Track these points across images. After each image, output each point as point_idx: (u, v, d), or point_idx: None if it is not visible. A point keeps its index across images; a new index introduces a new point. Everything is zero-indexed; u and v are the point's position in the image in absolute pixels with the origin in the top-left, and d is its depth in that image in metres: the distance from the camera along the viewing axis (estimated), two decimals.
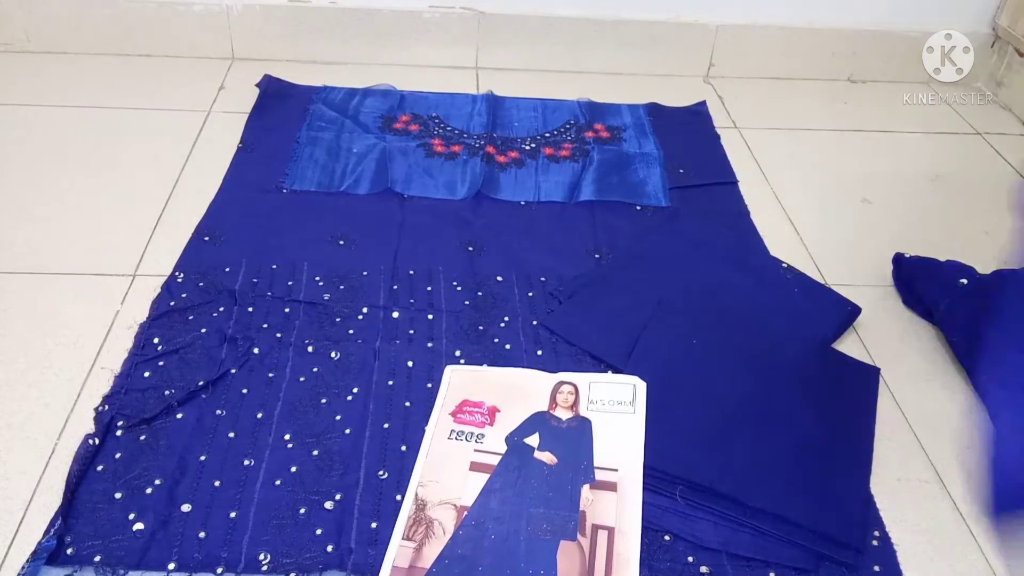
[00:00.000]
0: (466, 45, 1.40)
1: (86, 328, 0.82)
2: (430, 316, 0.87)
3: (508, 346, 0.84)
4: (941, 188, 1.19)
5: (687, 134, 1.26)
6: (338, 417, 0.75)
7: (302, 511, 0.66)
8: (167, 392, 0.75)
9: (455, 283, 0.92)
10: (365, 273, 0.92)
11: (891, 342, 0.90)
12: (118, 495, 0.66)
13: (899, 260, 0.96)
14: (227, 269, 0.91)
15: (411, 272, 0.93)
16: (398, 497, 0.68)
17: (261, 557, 0.63)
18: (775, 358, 0.83)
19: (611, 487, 0.68)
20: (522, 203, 1.07)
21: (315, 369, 0.79)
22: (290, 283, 0.89)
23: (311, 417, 0.74)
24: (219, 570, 0.62)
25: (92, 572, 0.61)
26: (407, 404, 0.77)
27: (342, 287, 0.90)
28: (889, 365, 0.86)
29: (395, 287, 0.90)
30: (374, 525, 0.66)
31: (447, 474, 0.69)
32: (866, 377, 0.83)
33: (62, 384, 0.76)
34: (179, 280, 0.88)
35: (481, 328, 0.86)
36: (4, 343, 0.80)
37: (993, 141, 1.32)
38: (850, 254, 1.03)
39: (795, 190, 1.15)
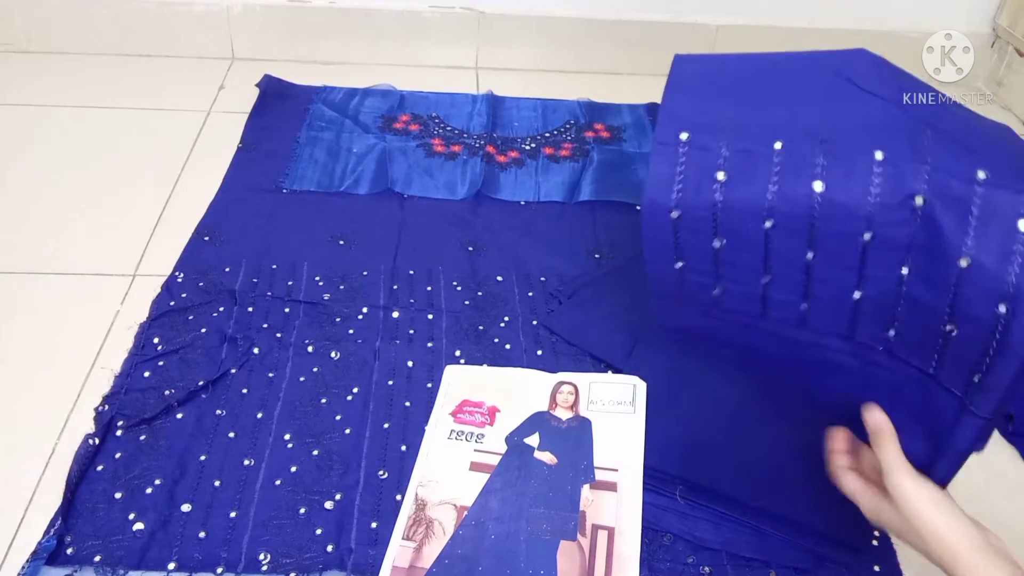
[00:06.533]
0: (466, 45, 1.39)
1: (86, 328, 0.82)
2: (430, 316, 0.87)
3: (508, 346, 0.84)
4: None
5: None
6: (338, 417, 0.75)
7: (302, 511, 0.66)
8: (167, 392, 0.75)
9: (455, 283, 0.92)
10: (365, 273, 0.92)
11: None
12: (118, 495, 0.66)
13: None
14: (227, 269, 0.91)
15: (411, 272, 0.93)
16: (398, 497, 0.68)
17: (261, 557, 0.63)
18: None
19: (611, 487, 0.68)
20: (522, 203, 1.07)
21: (315, 369, 0.79)
22: (290, 283, 0.89)
23: (311, 417, 0.74)
24: (219, 570, 0.62)
25: (92, 572, 0.61)
26: (407, 404, 0.77)
27: (342, 287, 0.90)
28: None
29: (395, 287, 0.90)
30: (374, 525, 0.66)
31: (447, 474, 0.70)
32: None
33: (62, 384, 0.76)
34: (179, 280, 0.88)
35: (481, 328, 0.86)
36: (4, 343, 0.80)
37: None
38: None
39: None
